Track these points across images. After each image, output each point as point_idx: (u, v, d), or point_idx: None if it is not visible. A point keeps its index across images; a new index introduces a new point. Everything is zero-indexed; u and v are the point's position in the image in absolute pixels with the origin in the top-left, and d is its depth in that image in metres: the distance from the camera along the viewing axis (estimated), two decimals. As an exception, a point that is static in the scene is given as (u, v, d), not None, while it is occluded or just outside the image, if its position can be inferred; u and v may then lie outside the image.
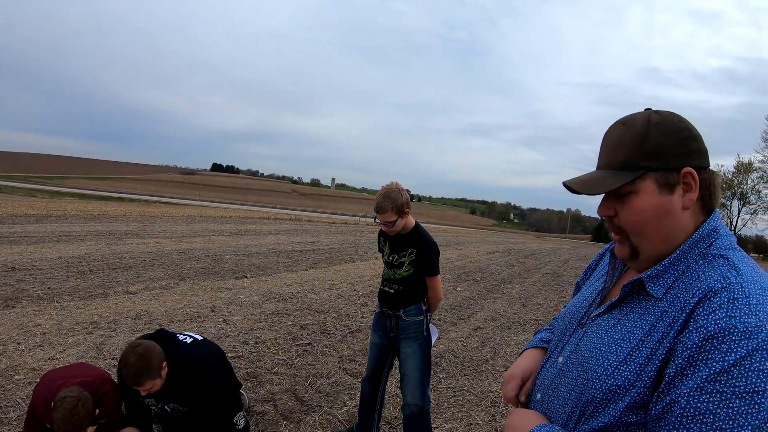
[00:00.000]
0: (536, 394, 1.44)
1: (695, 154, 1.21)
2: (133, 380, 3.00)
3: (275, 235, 20.36)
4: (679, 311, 1.14)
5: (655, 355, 1.13)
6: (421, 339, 3.61)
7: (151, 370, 3.00)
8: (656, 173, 1.20)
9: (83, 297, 7.34)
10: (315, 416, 4.32)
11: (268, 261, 12.80)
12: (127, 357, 2.99)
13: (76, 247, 11.71)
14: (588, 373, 1.24)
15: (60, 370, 3.36)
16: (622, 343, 1.20)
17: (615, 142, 1.26)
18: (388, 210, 3.45)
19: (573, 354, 1.34)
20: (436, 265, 3.62)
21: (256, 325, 6.76)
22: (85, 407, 2.92)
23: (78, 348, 5.25)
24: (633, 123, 1.24)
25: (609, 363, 1.19)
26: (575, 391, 1.27)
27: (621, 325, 1.24)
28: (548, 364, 1.45)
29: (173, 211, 30.38)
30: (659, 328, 1.15)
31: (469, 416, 4.63)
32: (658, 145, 1.20)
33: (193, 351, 3.42)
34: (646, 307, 1.21)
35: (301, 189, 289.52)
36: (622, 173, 1.23)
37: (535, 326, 8.46)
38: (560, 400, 1.31)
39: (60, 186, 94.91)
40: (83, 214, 21.02)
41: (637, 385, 1.13)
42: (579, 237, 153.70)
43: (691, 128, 1.23)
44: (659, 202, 1.20)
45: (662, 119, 1.22)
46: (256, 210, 53.45)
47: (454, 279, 12.98)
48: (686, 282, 1.18)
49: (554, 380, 1.37)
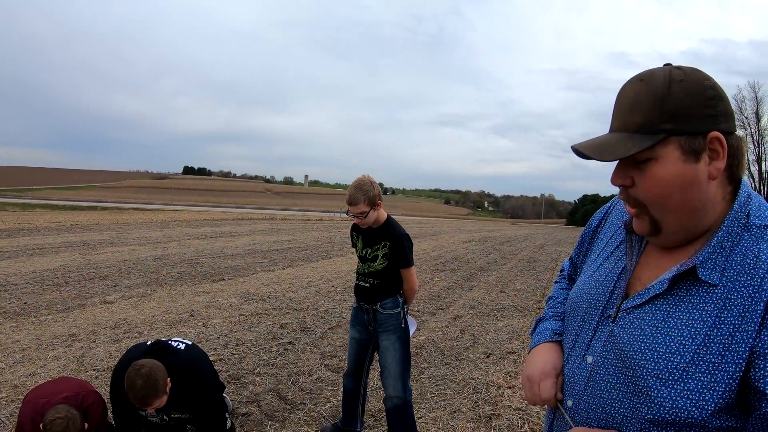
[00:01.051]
0: (566, 400, 1.28)
1: (722, 116, 1.07)
2: (142, 402, 3.00)
3: (250, 236, 20.28)
4: (748, 298, 1.01)
5: (730, 351, 1.00)
6: (399, 331, 3.65)
7: (157, 389, 3.02)
8: (680, 138, 1.06)
9: (60, 310, 7.29)
10: (299, 414, 4.37)
11: (244, 262, 12.78)
12: (133, 380, 2.98)
13: (51, 260, 11.58)
14: (646, 379, 1.07)
15: (42, 387, 3.34)
16: (683, 340, 1.05)
17: (632, 101, 1.11)
18: (360, 202, 3.49)
19: (609, 353, 1.17)
20: (410, 256, 3.66)
21: (235, 327, 6.78)
22: (76, 425, 2.93)
23: (59, 362, 5.24)
24: (652, 79, 1.09)
25: (673, 365, 1.04)
26: (629, 400, 1.11)
27: (673, 318, 1.08)
28: (572, 365, 1.29)
29: (147, 217, 30.08)
30: (727, 319, 1.02)
31: (452, 404, 4.70)
32: (681, 105, 1.05)
33: (189, 357, 3.46)
34: (699, 295, 1.07)
35: (275, 188, 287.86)
36: (640, 137, 1.08)
37: (514, 312, 8.58)
38: (600, 402, 1.17)
39: (30, 198, 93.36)
40: (56, 225, 20.73)
41: (719, 388, 1.00)
42: (554, 221, 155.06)
43: (717, 87, 1.08)
44: (684, 171, 1.06)
45: (685, 76, 1.07)
46: (230, 211, 53.11)
47: (431, 269, 13.07)
48: (741, 260, 1.05)
49: (589, 384, 1.21)
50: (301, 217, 43.87)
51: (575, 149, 1.15)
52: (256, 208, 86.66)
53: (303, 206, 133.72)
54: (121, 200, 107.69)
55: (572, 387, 1.26)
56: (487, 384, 5.16)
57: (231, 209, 69.43)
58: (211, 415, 3.46)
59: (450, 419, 4.41)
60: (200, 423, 3.46)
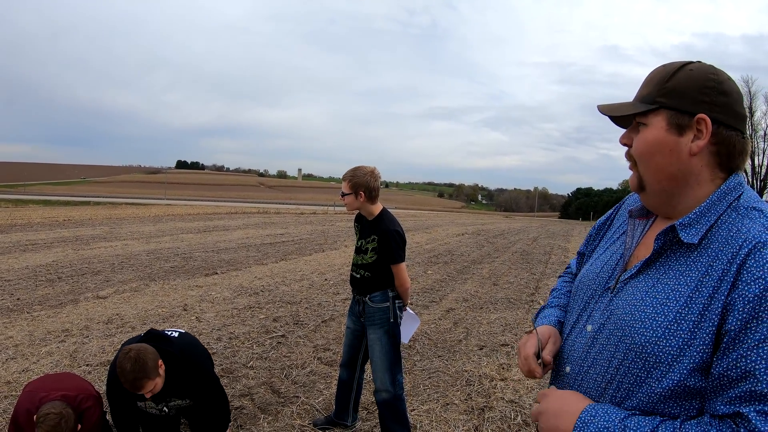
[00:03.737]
0: (564, 366, 1.39)
1: (718, 107, 1.20)
2: (133, 385, 2.97)
3: (244, 230, 20.26)
4: (727, 264, 1.11)
5: (708, 310, 1.10)
6: (387, 326, 3.65)
7: (147, 371, 2.98)
8: (669, 111, 1.22)
9: (53, 305, 7.28)
10: (292, 407, 4.39)
11: (237, 256, 12.77)
12: (122, 364, 2.95)
13: (44, 255, 11.55)
14: (634, 337, 1.18)
15: (43, 379, 3.36)
16: (668, 302, 1.16)
17: (649, 78, 1.29)
18: (346, 180, 3.60)
19: (607, 321, 1.28)
20: (398, 253, 3.64)
21: (228, 320, 6.79)
22: (68, 424, 2.93)
23: (52, 357, 5.23)
24: (670, 66, 1.27)
25: (658, 324, 1.15)
26: (617, 359, 1.22)
27: (661, 284, 1.20)
28: (573, 334, 1.40)
29: (140, 212, 29.99)
30: (707, 282, 1.12)
31: (445, 396, 4.73)
32: (679, 86, 1.22)
33: (183, 342, 3.46)
34: (685, 262, 1.19)
35: (268, 181, 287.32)
36: (641, 105, 1.27)
37: (507, 304, 8.62)
38: (599, 369, 1.27)
39: (23, 194, 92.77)
40: (49, 221, 20.66)
41: (695, 345, 1.09)
42: (547, 215, 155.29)
43: (723, 83, 1.22)
44: (664, 138, 1.22)
45: (696, 68, 1.23)
46: (224, 205, 53.03)
47: (425, 262, 13.10)
48: (724, 234, 1.16)
49: (587, 350, 1.32)
50: (295, 211, 43.85)
51: (600, 108, 1.36)
52: (250, 202, 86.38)
53: (297, 200, 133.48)
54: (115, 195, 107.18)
55: (571, 354, 1.38)
56: (480, 376, 5.19)
57: (224, 203, 69.28)
58: (211, 397, 3.47)
59: (443, 411, 4.43)
60: (202, 407, 3.46)
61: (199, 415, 3.52)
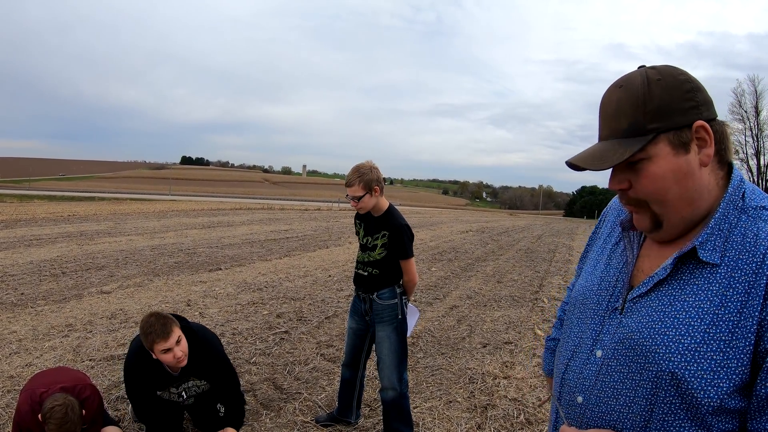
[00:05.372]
0: (575, 396, 1.28)
1: (703, 106, 1.12)
2: (162, 331, 3.18)
3: (248, 225, 20.26)
4: (752, 275, 1.05)
5: (739, 328, 1.03)
6: (396, 323, 3.64)
7: (172, 321, 3.27)
8: (668, 134, 1.10)
9: (57, 300, 7.29)
10: (295, 403, 4.38)
11: (241, 252, 12.77)
12: (147, 320, 3.22)
13: (48, 250, 11.56)
14: (660, 364, 1.09)
15: (39, 376, 3.37)
16: (692, 321, 1.08)
17: (615, 108, 1.15)
18: (355, 183, 3.47)
19: (620, 345, 1.19)
20: (409, 247, 3.62)
21: (232, 316, 6.79)
22: (75, 411, 2.98)
23: (55, 352, 5.24)
24: (631, 84, 1.14)
25: (685, 348, 1.07)
26: (644, 388, 1.12)
27: (680, 302, 1.12)
28: (579, 360, 1.30)
29: (144, 207, 30.02)
30: (732, 297, 1.05)
31: (448, 394, 4.71)
32: (662, 103, 1.10)
33: (198, 325, 3.72)
34: (703, 276, 1.11)
35: (273, 177, 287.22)
36: (630, 140, 1.12)
37: (510, 302, 8.60)
38: (621, 400, 1.17)
39: (28, 189, 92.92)
40: (53, 216, 20.68)
41: (731, 365, 1.03)
42: (552, 213, 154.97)
43: (692, 79, 1.13)
44: (677, 164, 1.11)
45: (661, 74, 1.12)
46: (228, 201, 53.03)
47: (429, 259, 13.08)
48: (739, 239, 1.10)
49: (600, 378, 1.22)
50: (299, 207, 43.84)
51: (569, 163, 1.19)
52: (254, 198, 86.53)
53: (301, 196, 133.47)
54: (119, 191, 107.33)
55: (581, 383, 1.27)
56: (483, 374, 5.18)
57: (229, 199, 69.35)
58: (227, 379, 3.64)
59: (446, 409, 4.42)
60: (219, 389, 3.61)
61: (217, 399, 3.64)
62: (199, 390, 3.55)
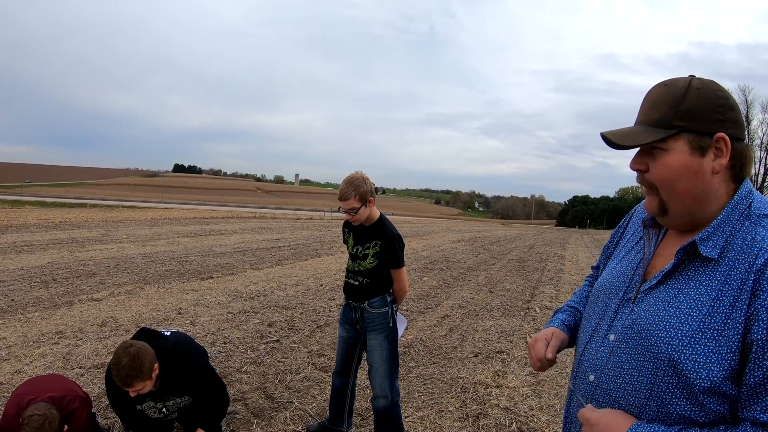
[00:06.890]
0: (587, 375, 1.43)
1: (730, 123, 1.24)
2: (124, 381, 2.96)
3: (240, 234, 20.24)
4: (745, 273, 1.16)
5: (730, 319, 1.15)
6: (387, 331, 3.63)
7: (142, 371, 2.98)
8: (689, 134, 1.24)
9: (48, 307, 7.25)
10: (286, 412, 4.36)
11: (233, 260, 12.74)
12: (119, 358, 2.95)
13: (39, 257, 11.51)
14: (660, 347, 1.22)
15: (31, 382, 3.35)
16: (691, 311, 1.21)
17: (654, 100, 1.31)
18: (351, 197, 3.44)
19: (629, 330, 1.32)
20: (401, 257, 3.62)
21: (223, 325, 6.76)
22: (52, 425, 2.93)
23: (45, 359, 5.21)
24: (674, 85, 1.28)
25: (683, 334, 1.19)
26: (647, 370, 1.25)
27: (682, 294, 1.25)
28: (595, 343, 1.44)
29: (136, 215, 29.95)
30: (727, 292, 1.17)
31: (439, 403, 4.71)
32: (693, 107, 1.24)
33: (176, 339, 3.47)
34: (705, 272, 1.23)
35: (265, 186, 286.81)
36: (656, 130, 1.27)
37: (502, 311, 8.60)
38: (626, 379, 1.30)
39: (20, 195, 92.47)
40: (44, 222, 20.63)
41: (722, 352, 1.15)
42: (544, 222, 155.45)
43: (729, 98, 1.26)
44: (690, 162, 1.24)
45: (702, 85, 1.26)
46: (220, 209, 52.94)
47: (421, 269, 13.08)
48: (739, 243, 1.21)
49: (611, 359, 1.35)
50: (291, 216, 43.82)
51: (603, 136, 1.34)
52: (247, 207, 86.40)
53: (293, 205, 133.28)
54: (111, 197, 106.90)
55: (595, 362, 1.41)
56: (475, 383, 5.17)
57: (221, 207, 69.18)
58: (210, 391, 3.49)
59: (437, 418, 4.41)
60: (202, 402, 3.47)
61: (200, 412, 3.53)
62: (180, 405, 3.45)
